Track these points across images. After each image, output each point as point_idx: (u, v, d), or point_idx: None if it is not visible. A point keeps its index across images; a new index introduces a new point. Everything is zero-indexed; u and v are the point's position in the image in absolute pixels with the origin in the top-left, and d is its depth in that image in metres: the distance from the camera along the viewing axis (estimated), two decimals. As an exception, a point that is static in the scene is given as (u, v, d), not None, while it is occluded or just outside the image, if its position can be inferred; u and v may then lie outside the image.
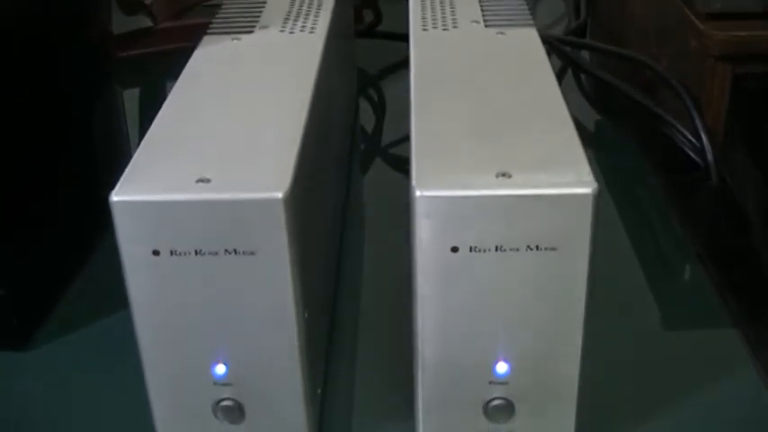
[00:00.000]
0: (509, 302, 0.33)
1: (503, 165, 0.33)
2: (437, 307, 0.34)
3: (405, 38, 0.46)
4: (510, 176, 0.32)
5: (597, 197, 0.32)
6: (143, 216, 0.32)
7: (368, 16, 0.74)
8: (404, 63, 0.44)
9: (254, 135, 0.36)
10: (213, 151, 0.35)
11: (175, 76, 0.42)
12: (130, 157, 0.35)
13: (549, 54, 0.67)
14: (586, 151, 0.59)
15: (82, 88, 0.51)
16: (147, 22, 0.71)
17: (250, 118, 0.37)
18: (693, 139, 0.56)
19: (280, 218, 0.32)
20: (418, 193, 0.32)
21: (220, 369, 0.35)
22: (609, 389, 0.40)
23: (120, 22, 0.71)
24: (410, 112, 0.38)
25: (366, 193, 0.58)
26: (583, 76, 0.69)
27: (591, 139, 0.63)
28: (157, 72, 0.71)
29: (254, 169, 0.34)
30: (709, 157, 0.54)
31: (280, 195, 0.32)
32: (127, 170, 0.34)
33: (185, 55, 0.45)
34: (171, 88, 0.42)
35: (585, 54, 0.72)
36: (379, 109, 0.69)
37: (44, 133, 0.47)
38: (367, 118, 0.67)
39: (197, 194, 0.32)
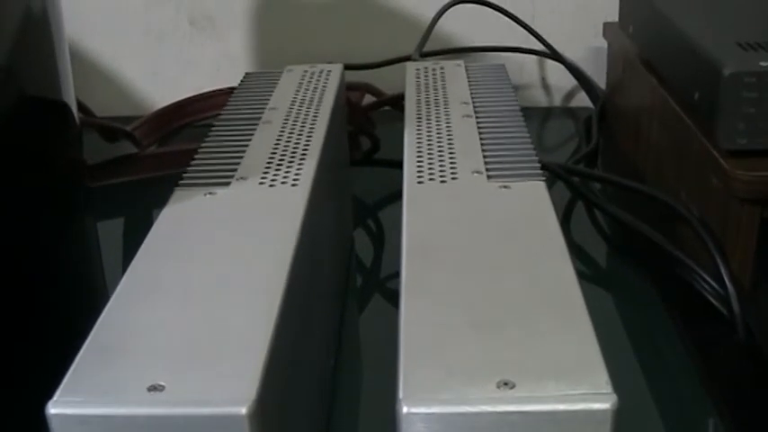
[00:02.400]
0: None
1: (505, 370, 0.28)
2: None
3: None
4: (513, 386, 0.28)
5: (616, 412, 0.27)
6: (84, 430, 0.28)
7: (365, 143, 0.70)
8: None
9: (219, 327, 0.31)
10: (170, 349, 0.30)
11: (161, 205, 0.39)
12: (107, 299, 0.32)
13: (555, 182, 0.64)
14: (598, 294, 0.56)
15: (44, 228, 0.47)
16: (131, 148, 0.68)
17: (215, 303, 0.33)
18: (717, 287, 0.51)
19: (243, 434, 0.27)
20: (405, 410, 0.27)
21: None
22: None
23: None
24: (400, 293, 0.33)
25: (362, 334, 0.54)
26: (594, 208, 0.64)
27: (603, 281, 0.59)
28: (143, 201, 0.67)
29: (215, 374, 0.29)
30: (735, 306, 0.49)
31: (243, 411, 0.27)
32: (68, 375, 0.29)
33: (172, 181, 0.42)
34: (156, 216, 0.39)
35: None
36: (378, 241, 0.64)
37: None
38: (364, 251, 0.63)
39: (147, 408, 0.28)
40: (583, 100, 0.81)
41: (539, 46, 0.78)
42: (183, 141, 0.70)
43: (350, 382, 0.48)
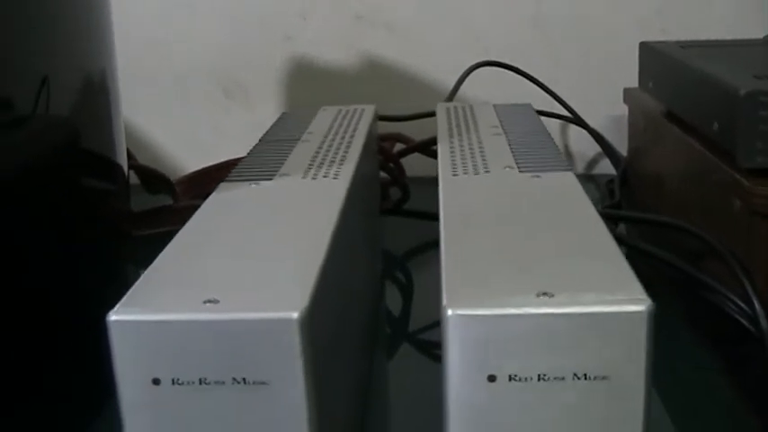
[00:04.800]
0: (555, 441, 0.29)
1: (543, 285, 0.30)
2: (473, 447, 0.30)
3: (434, 217, 0.41)
4: (552, 296, 0.29)
5: (652, 315, 0.28)
6: (143, 338, 0.29)
7: (394, 194, 0.72)
8: (433, 244, 0.41)
9: (272, 262, 0.33)
10: (225, 277, 0.32)
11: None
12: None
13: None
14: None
15: (95, 273, 0.49)
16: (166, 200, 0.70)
17: (266, 246, 0.34)
18: (745, 306, 0.52)
19: (294, 341, 0.29)
20: (450, 312, 0.28)
21: None
22: None
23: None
24: (440, 245, 0.35)
25: (391, 384, 0.54)
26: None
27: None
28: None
29: (268, 291, 0.30)
30: (764, 324, 0.50)
31: (295, 315, 0.29)
32: (129, 293, 0.31)
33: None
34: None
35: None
36: (407, 292, 0.65)
37: (45, 321, 0.44)
38: (393, 302, 0.63)
39: (202, 314, 0.29)
40: (605, 167, 0.83)
41: (561, 112, 0.81)
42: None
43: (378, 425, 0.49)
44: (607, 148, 0.81)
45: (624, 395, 0.29)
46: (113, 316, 0.29)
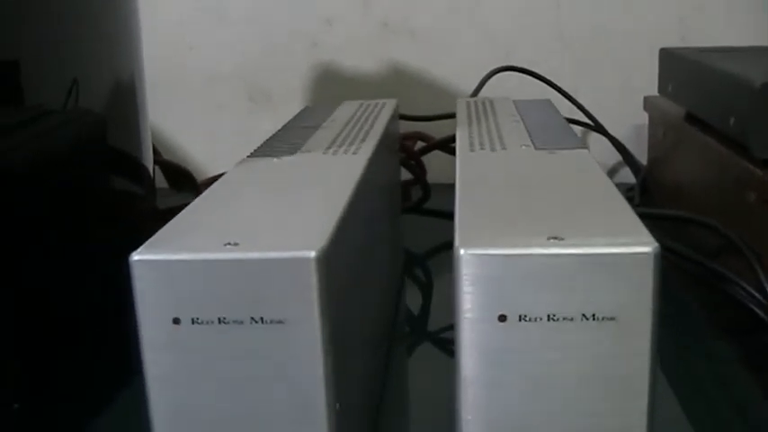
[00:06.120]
0: (563, 382, 0.30)
1: (554, 231, 0.30)
2: (483, 387, 0.30)
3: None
4: (562, 239, 0.30)
5: (658, 257, 0.29)
6: (164, 278, 0.30)
7: (415, 194, 0.73)
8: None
9: (292, 214, 0.34)
10: (246, 225, 0.33)
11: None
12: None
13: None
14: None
15: (120, 269, 0.50)
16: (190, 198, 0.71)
17: (288, 202, 0.36)
18: (759, 295, 0.52)
19: (311, 280, 0.30)
20: (462, 252, 0.29)
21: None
22: None
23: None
24: (455, 201, 0.36)
25: (409, 377, 0.54)
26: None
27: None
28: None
29: (287, 234, 0.32)
30: (777, 312, 0.51)
31: (312, 254, 0.29)
32: (151, 238, 0.32)
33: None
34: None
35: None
36: (426, 289, 0.66)
37: (71, 312, 0.46)
38: (413, 301, 0.64)
39: (222, 254, 0.30)
40: (625, 176, 0.84)
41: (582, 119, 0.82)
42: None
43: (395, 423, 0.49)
44: (627, 157, 0.81)
45: (631, 336, 0.29)
46: (136, 256, 0.30)
